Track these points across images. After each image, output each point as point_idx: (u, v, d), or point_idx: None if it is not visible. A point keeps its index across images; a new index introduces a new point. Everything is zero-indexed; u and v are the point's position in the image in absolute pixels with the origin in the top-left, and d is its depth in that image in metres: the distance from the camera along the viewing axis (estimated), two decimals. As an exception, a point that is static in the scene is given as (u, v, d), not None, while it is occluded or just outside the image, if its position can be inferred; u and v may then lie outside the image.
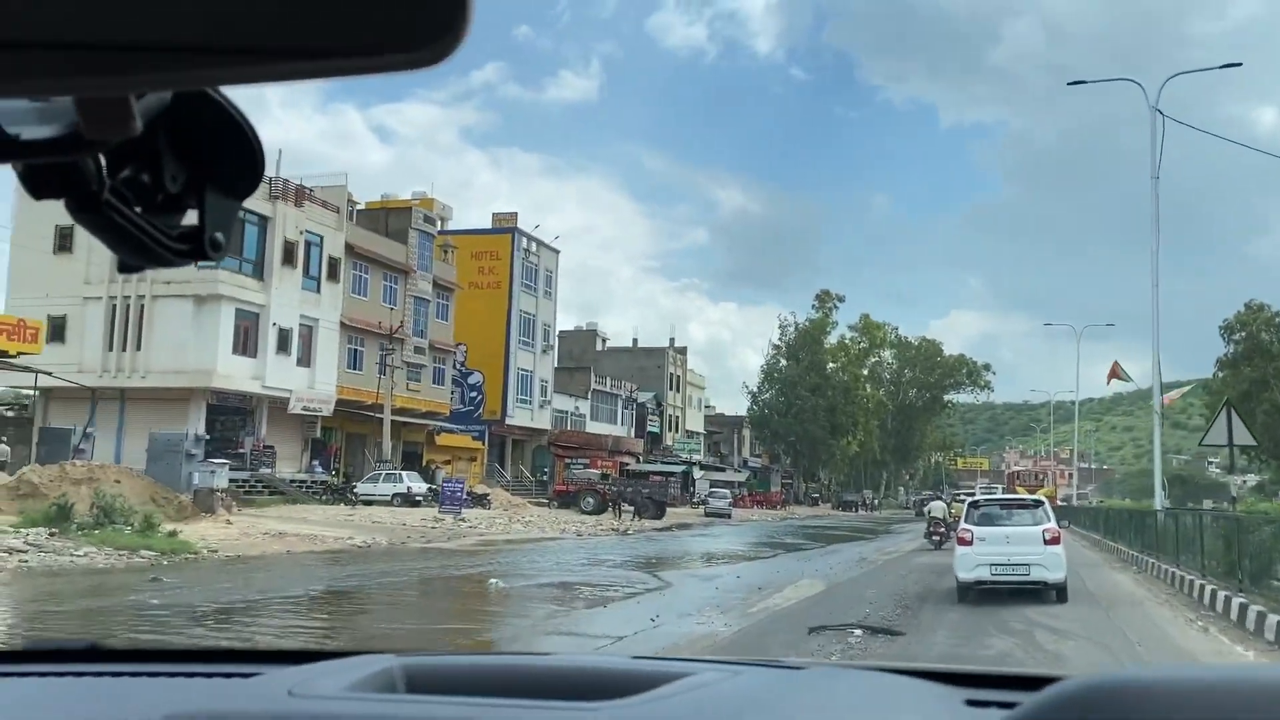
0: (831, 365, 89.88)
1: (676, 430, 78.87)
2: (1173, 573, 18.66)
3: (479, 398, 55.74)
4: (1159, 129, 25.60)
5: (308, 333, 41.94)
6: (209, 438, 37.24)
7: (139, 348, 38.02)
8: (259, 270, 39.51)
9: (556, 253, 63.96)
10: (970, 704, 1.27)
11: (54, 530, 20.05)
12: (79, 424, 33.34)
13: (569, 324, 77.13)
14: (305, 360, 41.70)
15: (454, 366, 53.50)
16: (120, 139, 0.58)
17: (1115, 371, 33.99)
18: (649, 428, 73.06)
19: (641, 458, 67.35)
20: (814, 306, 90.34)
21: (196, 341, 37.31)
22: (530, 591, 16.79)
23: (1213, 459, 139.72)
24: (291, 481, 38.94)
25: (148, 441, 30.11)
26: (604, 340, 78.82)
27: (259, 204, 38.51)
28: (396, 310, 47.09)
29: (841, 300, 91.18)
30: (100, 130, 0.57)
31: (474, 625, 12.86)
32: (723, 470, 78.95)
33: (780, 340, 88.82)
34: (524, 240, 59.64)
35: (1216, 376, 56.86)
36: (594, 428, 65.16)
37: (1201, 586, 15.88)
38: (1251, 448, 23.89)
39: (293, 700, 1.07)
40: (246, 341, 39.09)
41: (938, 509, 30.93)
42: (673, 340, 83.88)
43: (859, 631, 11.08)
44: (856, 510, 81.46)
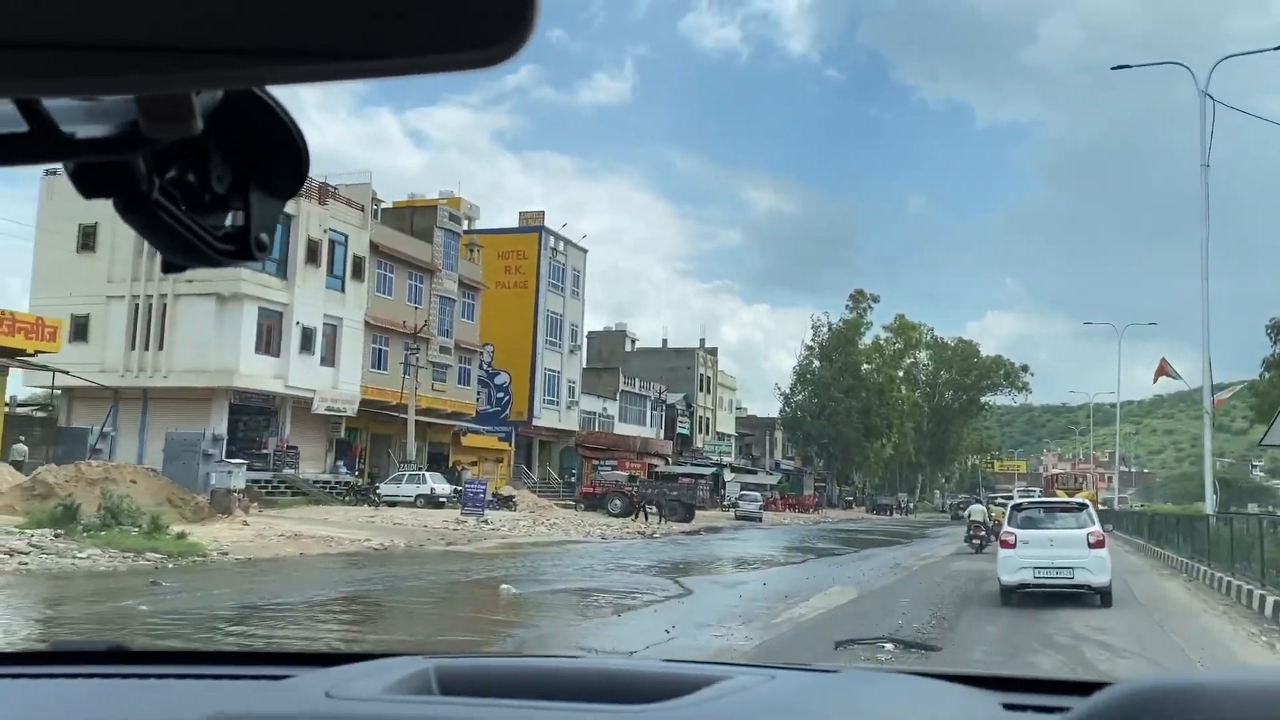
0: (866, 366, 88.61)
1: (707, 432, 77.85)
2: (1227, 581, 17.72)
3: (506, 398, 55.08)
4: (1208, 114, 24.45)
5: (331, 332, 41.48)
6: (233, 438, 37.04)
7: (161, 347, 37.72)
8: (282, 269, 39.03)
9: (584, 252, 63.11)
10: (1008, 708, 1.26)
11: (59, 531, 19.50)
12: (101, 424, 33.07)
13: (601, 327, 76.55)
14: (329, 360, 41.25)
15: (480, 367, 52.90)
16: (180, 137, 0.58)
17: (1164, 369, 32.52)
18: (679, 429, 72.08)
19: (671, 459, 66.43)
20: (848, 307, 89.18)
21: (219, 341, 36.94)
22: (542, 598, 15.98)
23: (1257, 461, 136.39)
24: (315, 482, 38.47)
25: (164, 441, 29.68)
26: (633, 341, 77.95)
27: (281, 202, 38.06)
28: (421, 310, 46.54)
29: (876, 300, 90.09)
30: (161, 128, 0.57)
31: (475, 636, 12.06)
32: (754, 473, 77.89)
33: (813, 341, 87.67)
34: (551, 239, 58.81)
35: (1263, 377, 55.06)
36: (622, 429, 64.31)
37: (1261, 597, 14.88)
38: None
39: (331, 702, 1.06)
40: (269, 341, 38.70)
41: (978, 512, 30.96)
42: (703, 340, 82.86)
43: (890, 646, 10.17)
44: (891, 514, 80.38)
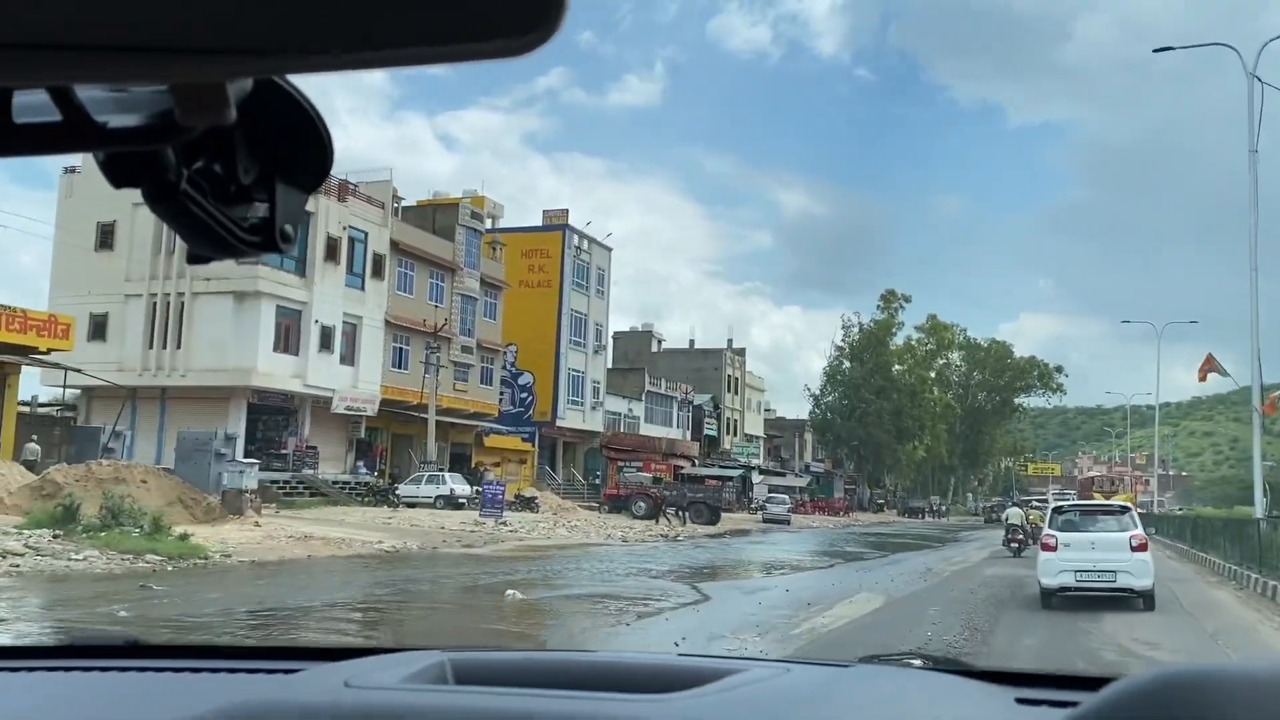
0: (897, 367, 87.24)
1: (734, 434, 76.78)
2: (1282, 590, 16.56)
3: (529, 399, 54.39)
4: (1256, 98, 23.29)
5: (351, 331, 40.96)
6: (252, 438, 36.57)
7: (179, 346, 37.34)
8: (301, 266, 38.51)
9: (609, 250, 62.29)
10: (1021, 702, 1.26)
11: (58, 532, 18.95)
12: (113, 423, 32.67)
13: (628, 328, 75.67)
14: (349, 359, 40.72)
15: (503, 367, 52.26)
16: (214, 125, 0.58)
17: (1210, 364, 31.00)
18: (706, 431, 71.09)
19: (697, 461, 65.49)
20: (879, 307, 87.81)
21: (237, 339, 36.51)
22: (550, 605, 15.18)
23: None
24: (334, 483, 37.94)
25: (176, 440, 29.19)
26: (659, 341, 77.04)
27: (300, 199, 37.59)
28: (443, 308, 45.94)
29: (908, 301, 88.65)
30: (195, 117, 0.57)
31: (466, 644, 11.25)
32: (782, 475, 76.80)
33: (844, 341, 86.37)
34: (575, 237, 58.01)
35: (1311, 377, 53.43)
36: (648, 430, 63.40)
37: (1323, 608, 13.76)
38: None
39: (351, 691, 1.06)
40: (288, 339, 38.22)
41: (1015, 515, 30.47)
42: (730, 341, 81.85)
43: (917, 663, 9.22)
44: (923, 517, 79.12)
